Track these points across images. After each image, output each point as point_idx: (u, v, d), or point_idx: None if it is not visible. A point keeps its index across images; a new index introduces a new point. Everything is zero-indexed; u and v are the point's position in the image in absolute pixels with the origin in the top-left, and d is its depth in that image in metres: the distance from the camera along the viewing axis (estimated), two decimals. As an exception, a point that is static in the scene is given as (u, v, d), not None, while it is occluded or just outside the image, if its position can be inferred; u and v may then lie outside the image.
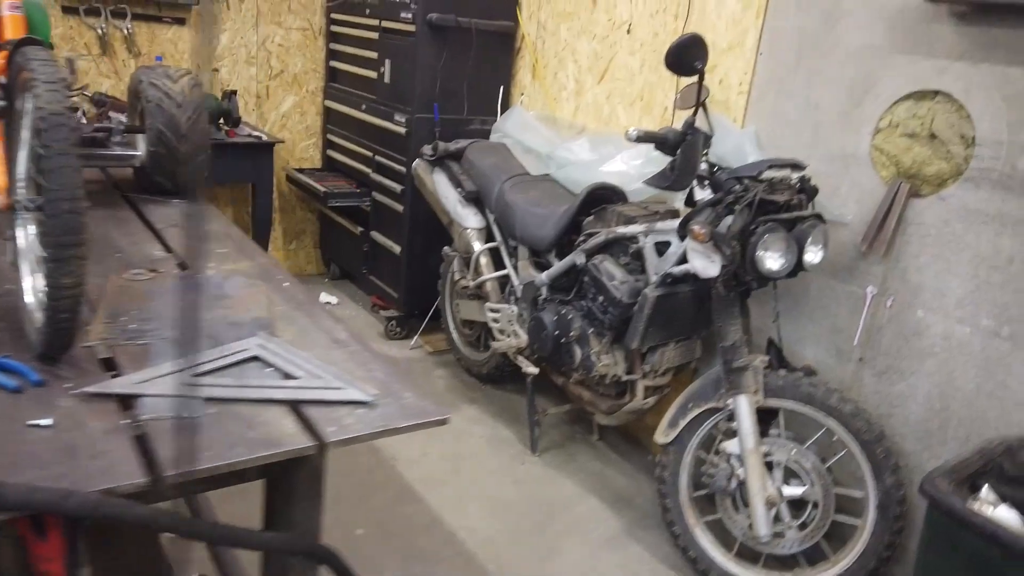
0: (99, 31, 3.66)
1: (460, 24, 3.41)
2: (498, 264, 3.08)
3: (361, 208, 4.02)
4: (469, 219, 3.10)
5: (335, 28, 4.16)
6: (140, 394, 1.19)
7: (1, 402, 1.14)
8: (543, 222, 2.77)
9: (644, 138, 2.07)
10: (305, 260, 4.66)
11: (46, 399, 1.16)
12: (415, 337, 3.83)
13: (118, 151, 2.23)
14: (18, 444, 1.05)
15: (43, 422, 1.09)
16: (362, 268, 4.14)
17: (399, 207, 3.69)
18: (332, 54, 4.25)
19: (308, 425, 1.20)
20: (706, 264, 2.11)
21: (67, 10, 3.57)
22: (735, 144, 2.39)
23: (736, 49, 2.66)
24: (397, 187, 3.67)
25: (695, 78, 2.13)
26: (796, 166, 2.09)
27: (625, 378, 2.58)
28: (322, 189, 3.94)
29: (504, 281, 3.06)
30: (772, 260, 2.04)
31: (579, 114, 3.36)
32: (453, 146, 3.22)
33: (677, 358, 2.58)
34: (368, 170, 3.95)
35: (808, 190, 2.11)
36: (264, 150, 3.89)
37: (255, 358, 1.38)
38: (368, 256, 4.06)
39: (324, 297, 4.29)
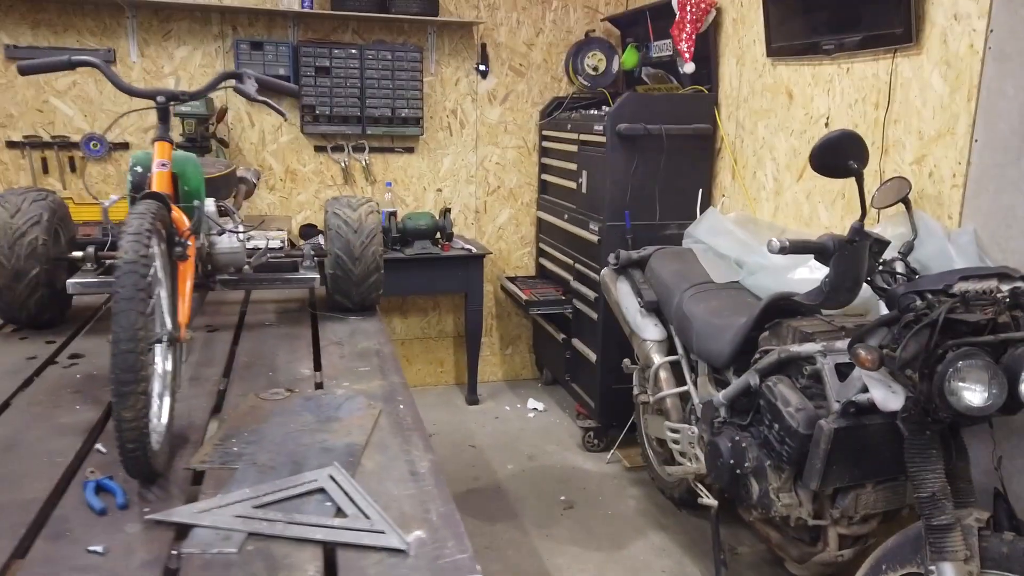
0: (342, 164, 4.19)
1: (650, 132, 3.35)
2: (680, 379, 2.86)
3: (564, 315, 4.03)
4: (648, 330, 2.93)
5: (545, 143, 4.33)
6: (194, 524, 1.25)
7: (83, 523, 1.26)
8: (719, 335, 2.52)
9: (791, 249, 1.80)
10: (520, 365, 4.75)
11: (118, 523, 1.27)
12: (612, 450, 3.66)
13: (301, 274, 2.47)
14: (69, 570, 1.14)
15: (97, 548, 1.18)
16: (565, 375, 4.11)
17: (594, 315, 3.63)
18: (543, 168, 4.41)
19: (329, 573, 1.16)
20: (886, 395, 1.75)
21: (318, 149, 4.16)
22: (938, 248, 2.00)
23: (946, 137, 2.26)
24: (592, 295, 3.62)
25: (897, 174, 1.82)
26: (1006, 275, 1.67)
27: (812, 523, 2.19)
28: (525, 297, 4.02)
29: (686, 398, 2.82)
30: (971, 394, 1.63)
31: (778, 215, 3.08)
32: (636, 254, 3.11)
33: (880, 503, 2.14)
34: (570, 277, 3.97)
35: (1027, 305, 1.67)
36: (474, 261, 4.10)
37: (320, 490, 1.39)
38: (570, 363, 4.02)
39: (532, 403, 4.31)
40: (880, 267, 1.84)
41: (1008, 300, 1.67)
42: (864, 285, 1.88)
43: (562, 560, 2.86)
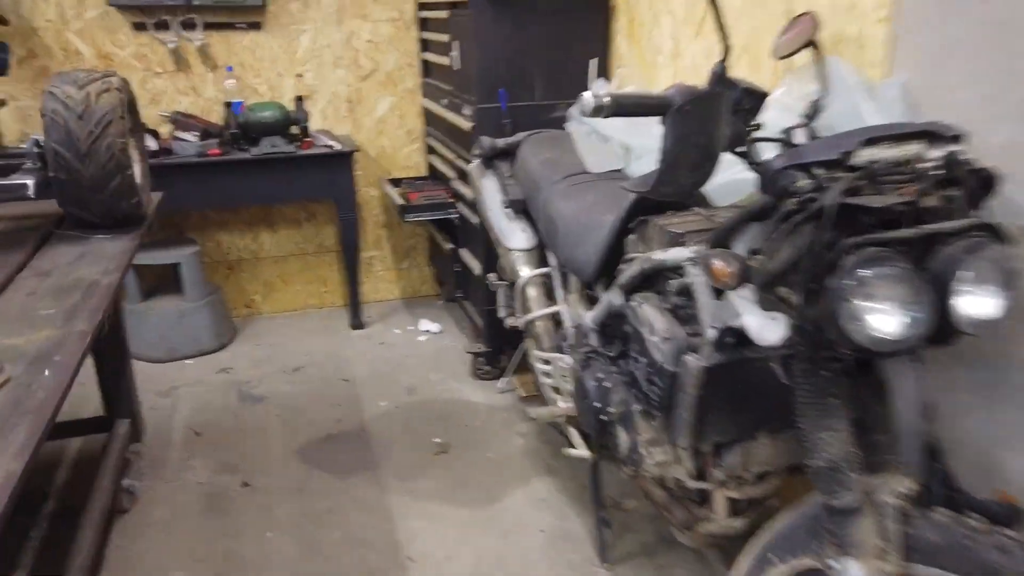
0: (170, 45, 3.41)
1: (524, -15, 2.64)
2: (552, 298, 2.27)
3: (452, 222, 3.40)
4: (514, 236, 2.32)
5: (424, 13, 3.57)
6: None
7: None
8: (586, 238, 1.91)
9: (614, 109, 1.17)
10: (419, 280, 4.14)
11: None
12: (505, 377, 3.11)
13: (5, 181, 1.80)
14: None
15: None
16: (456, 291, 3.51)
17: (476, 220, 3.00)
18: (424, 45, 3.67)
19: None
20: (762, 323, 1.17)
21: (137, 27, 3.37)
22: (852, 107, 1.38)
23: (877, -53, 1.60)
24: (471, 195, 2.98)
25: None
26: (935, 135, 1.07)
27: (693, 485, 1.66)
28: (400, 202, 3.37)
29: (559, 321, 2.24)
30: (881, 318, 1.04)
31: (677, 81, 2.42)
32: (504, 142, 2.46)
33: (779, 457, 1.60)
34: (453, 175, 3.32)
35: (968, 181, 1.07)
36: (341, 161, 3.42)
37: None
38: (460, 278, 3.42)
39: (425, 325, 3.73)
40: (754, 132, 1.21)
41: (940, 172, 1.07)
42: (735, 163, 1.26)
43: (418, 523, 2.34)
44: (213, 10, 3.42)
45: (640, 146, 2.19)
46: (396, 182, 3.74)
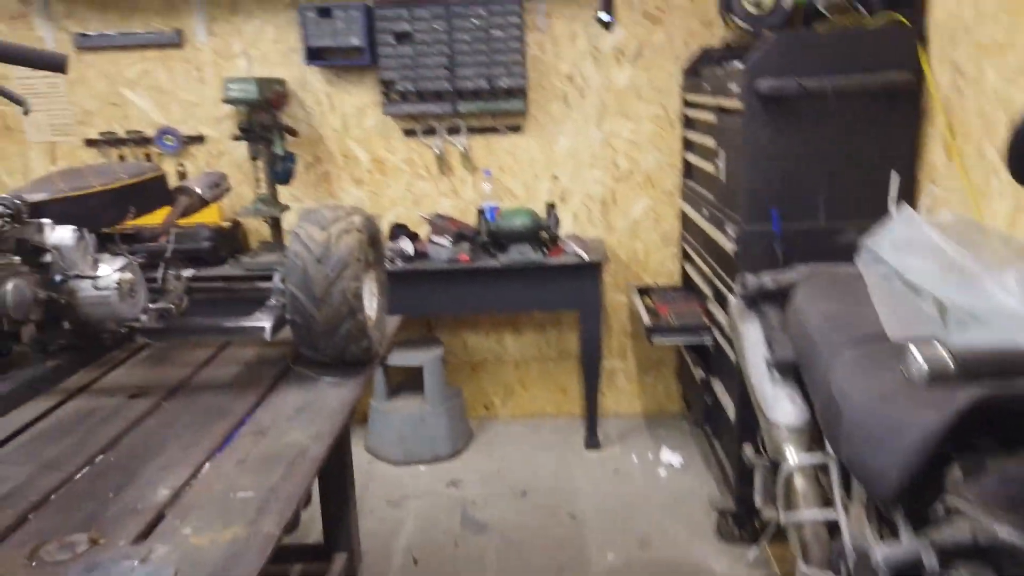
0: (436, 150, 3.48)
1: (807, 89, 2.23)
2: (827, 496, 1.78)
3: (707, 347, 3.01)
4: (780, 407, 1.88)
5: (689, 111, 3.28)
6: None
7: None
8: (878, 440, 1.44)
9: (964, 372, 0.75)
10: (664, 396, 3.77)
11: None
12: (757, 544, 2.62)
13: (246, 323, 1.78)
14: None
15: None
16: (705, 424, 3.09)
17: (733, 353, 2.59)
18: (687, 144, 3.37)
19: None
20: None
21: (407, 133, 3.48)
22: None
23: None
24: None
25: None
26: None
27: None
28: (648, 321, 3.05)
29: (836, 530, 1.75)
30: None
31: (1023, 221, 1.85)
32: (773, 278, 2.05)
33: None
34: (709, 294, 2.94)
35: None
36: (588, 271, 3.21)
37: None
38: (710, 411, 3.00)
39: (667, 455, 3.34)
40: None
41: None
42: None
43: None
44: (477, 116, 3.43)
45: (965, 306, 1.67)
46: (646, 290, 3.45)
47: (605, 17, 3.28)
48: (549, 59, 3.40)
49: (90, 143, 3.51)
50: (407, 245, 3.24)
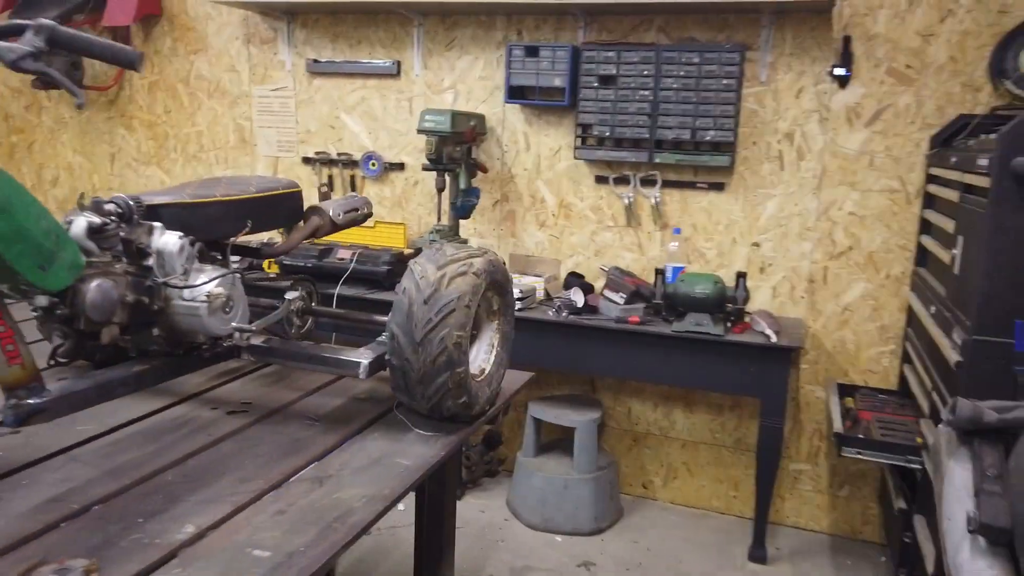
0: (626, 201, 3.24)
1: (1084, 170, 1.69)
2: None
3: (912, 472, 2.45)
4: (976, 589, 1.38)
5: (931, 188, 2.73)
6: None
7: None
8: None
9: None
10: (860, 517, 3.15)
11: None
12: None
13: (343, 355, 1.66)
14: None
15: None
16: (899, 568, 2.49)
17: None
18: (924, 227, 2.81)
19: None
20: None
21: (599, 180, 3.28)
22: None
23: None
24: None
25: None
26: None
27: None
28: (837, 426, 2.54)
29: None
30: None
31: None
32: (998, 412, 1.54)
33: None
34: (926, 407, 2.38)
35: None
36: (776, 355, 2.76)
37: None
38: (906, 552, 2.41)
39: (848, 589, 2.76)
40: None
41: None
42: None
43: None
44: (676, 168, 3.15)
45: None
46: (850, 390, 2.90)
47: (840, 72, 2.86)
48: (767, 114, 3.02)
49: (306, 160, 3.73)
50: (578, 297, 3.02)
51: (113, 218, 1.40)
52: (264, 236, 3.39)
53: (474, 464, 3.42)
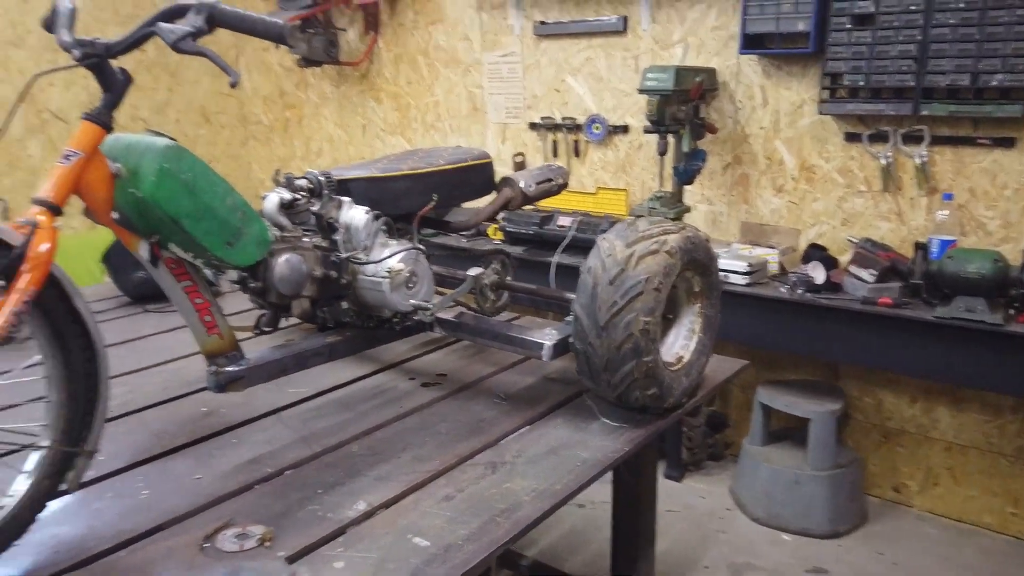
0: (883, 161, 2.78)
1: None
2: None
3: None
4: None
5: None
6: None
7: None
8: None
9: None
10: None
11: None
12: None
13: (527, 336, 1.57)
14: None
15: None
16: None
17: None
18: None
19: None
20: None
21: (849, 137, 2.85)
22: None
23: None
24: None
25: None
26: None
27: None
28: None
29: None
30: None
31: None
32: None
33: None
34: None
35: None
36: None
37: None
38: None
39: None
40: None
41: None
42: None
43: None
44: (949, 121, 2.63)
45: None
46: None
47: None
48: (1081, 47, 2.40)
49: (532, 126, 3.70)
50: (818, 272, 2.66)
51: (304, 193, 1.44)
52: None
53: (696, 446, 3.22)
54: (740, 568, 2.61)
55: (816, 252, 2.84)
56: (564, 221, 3.16)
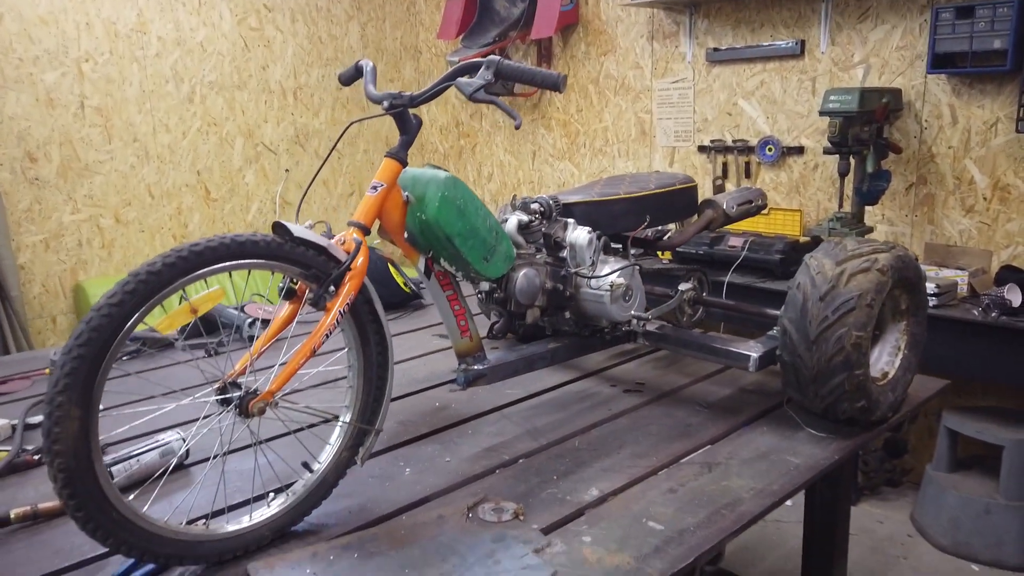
0: (1089, 180, 2.66)
1: None
2: None
3: None
4: None
5: None
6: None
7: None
8: None
9: None
10: None
11: None
12: None
13: (733, 347, 1.69)
14: None
15: None
16: None
17: None
18: None
19: None
20: None
21: (1049, 155, 2.75)
22: None
23: None
24: None
25: None
26: None
27: None
28: None
29: None
30: None
31: None
32: None
33: None
34: None
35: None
36: None
37: None
38: None
39: None
40: None
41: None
42: None
43: None
44: None
45: None
46: None
47: None
48: None
49: (701, 149, 3.79)
50: (1014, 295, 2.59)
51: (537, 216, 1.64)
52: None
53: (873, 471, 3.17)
54: (927, 597, 2.56)
55: (1011, 274, 2.75)
56: (735, 242, 3.23)
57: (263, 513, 1.24)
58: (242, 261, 1.11)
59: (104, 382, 1.02)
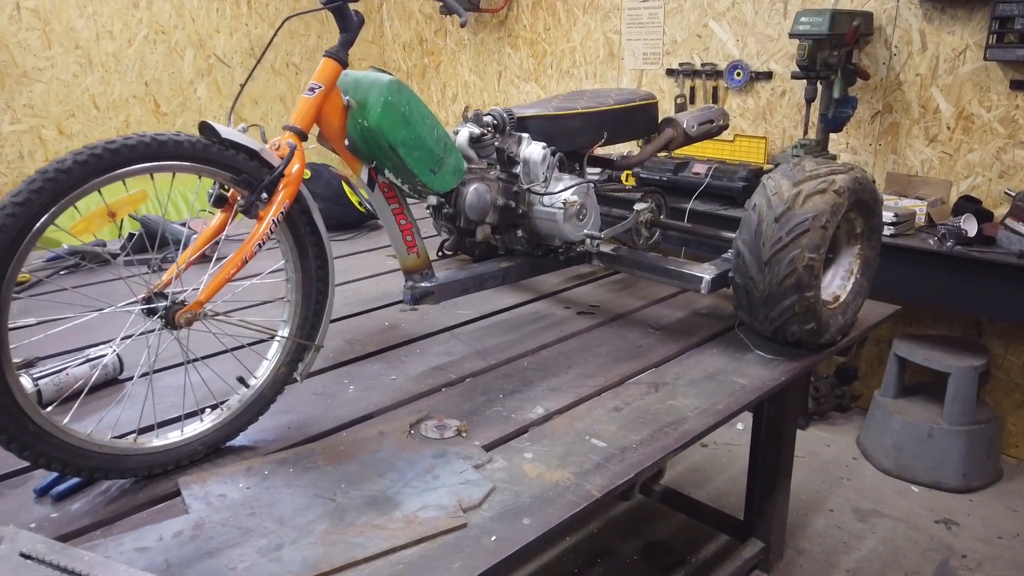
0: (1052, 111, 2.65)
1: None
2: None
3: None
4: None
5: None
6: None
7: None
8: None
9: None
10: None
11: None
12: None
13: (685, 269, 1.66)
14: None
15: None
16: None
17: None
18: None
19: None
20: None
21: (1015, 85, 2.72)
22: None
23: None
24: None
25: None
26: None
27: None
28: None
29: None
30: None
31: None
32: None
33: None
34: None
35: None
36: None
37: None
38: None
39: None
40: None
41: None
42: None
43: None
44: None
45: None
46: None
47: None
48: None
49: (669, 72, 3.70)
50: (970, 225, 2.60)
51: (489, 129, 1.57)
52: (623, 148, 3.50)
53: (823, 396, 3.24)
54: (866, 514, 2.65)
55: (968, 204, 2.76)
56: (699, 168, 3.19)
57: (195, 428, 1.21)
58: (163, 163, 1.04)
59: (11, 288, 0.95)
